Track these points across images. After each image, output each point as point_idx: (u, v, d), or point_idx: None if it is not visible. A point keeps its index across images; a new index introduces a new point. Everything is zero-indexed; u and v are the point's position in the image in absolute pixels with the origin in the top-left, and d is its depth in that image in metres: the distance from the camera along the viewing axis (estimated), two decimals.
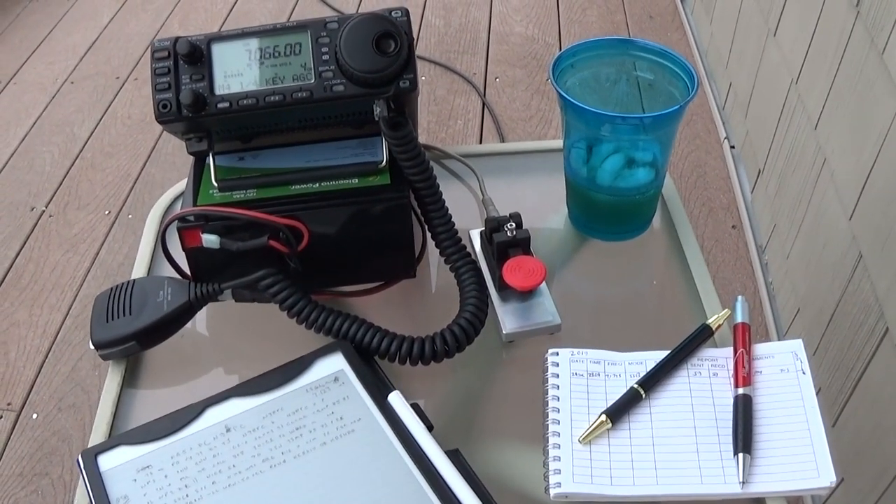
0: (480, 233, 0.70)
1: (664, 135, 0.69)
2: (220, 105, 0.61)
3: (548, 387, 0.60)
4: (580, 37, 2.26)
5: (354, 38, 0.59)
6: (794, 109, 1.40)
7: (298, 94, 0.61)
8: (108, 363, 0.66)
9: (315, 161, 0.67)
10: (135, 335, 0.64)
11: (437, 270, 0.68)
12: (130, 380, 0.66)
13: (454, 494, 0.52)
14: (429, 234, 0.68)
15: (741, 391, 0.58)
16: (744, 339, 0.62)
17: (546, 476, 0.55)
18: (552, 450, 0.56)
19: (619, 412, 0.58)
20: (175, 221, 0.63)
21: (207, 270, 0.65)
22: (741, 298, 0.65)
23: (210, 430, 0.57)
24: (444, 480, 0.53)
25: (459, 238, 0.66)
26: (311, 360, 0.61)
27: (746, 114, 1.72)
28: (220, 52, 0.62)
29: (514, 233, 0.65)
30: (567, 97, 0.66)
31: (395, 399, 0.58)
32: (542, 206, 0.78)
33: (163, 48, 0.62)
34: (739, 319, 0.63)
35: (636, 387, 0.59)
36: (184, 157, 1.89)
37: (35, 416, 1.39)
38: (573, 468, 0.55)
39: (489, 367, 0.66)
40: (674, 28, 2.26)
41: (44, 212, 1.79)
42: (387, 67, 0.59)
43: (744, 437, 0.56)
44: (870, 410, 1.08)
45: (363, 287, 0.69)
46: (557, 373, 0.61)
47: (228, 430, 0.57)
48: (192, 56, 0.61)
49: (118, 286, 0.67)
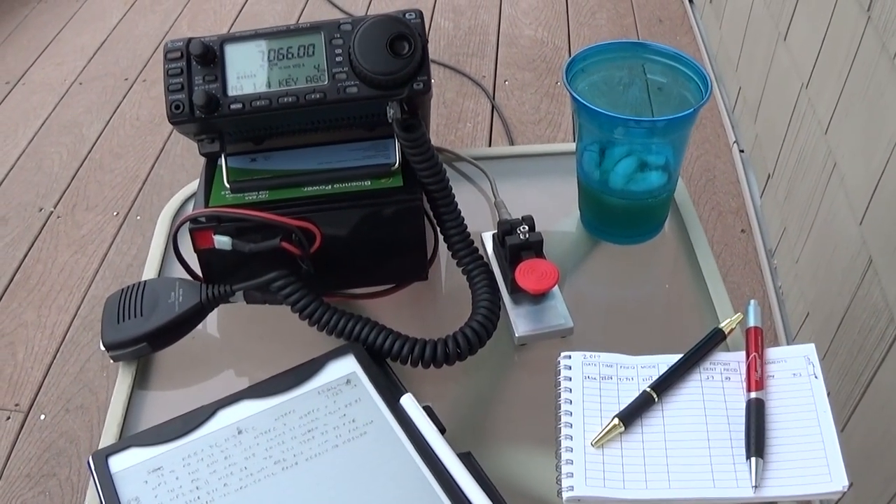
0: (493, 235, 0.69)
1: (677, 138, 0.69)
2: (233, 106, 0.61)
3: (560, 390, 0.60)
4: (589, 40, 2.25)
5: (368, 40, 0.59)
6: (804, 114, 1.40)
7: (312, 96, 0.61)
8: (118, 365, 0.66)
9: (327, 163, 0.67)
10: (146, 336, 0.64)
11: (449, 273, 0.68)
12: (141, 381, 0.66)
13: (466, 497, 0.52)
14: (440, 237, 0.67)
15: (754, 395, 0.58)
16: (756, 344, 0.62)
17: (558, 479, 0.55)
18: (564, 453, 0.56)
19: (632, 416, 0.58)
20: (187, 223, 0.63)
21: (219, 272, 0.65)
22: (753, 302, 0.64)
23: (222, 432, 0.57)
24: (457, 483, 0.53)
25: (472, 241, 0.66)
26: (323, 363, 0.61)
27: (756, 118, 1.71)
28: (233, 54, 0.62)
29: (527, 235, 0.65)
30: (580, 100, 0.66)
31: (408, 402, 0.57)
32: (554, 209, 0.78)
33: (175, 49, 0.62)
34: (752, 323, 0.63)
35: (649, 391, 0.59)
36: (193, 159, 1.91)
37: (43, 417, 1.39)
38: (586, 471, 0.55)
39: (501, 370, 0.66)
40: (683, 31, 2.26)
41: (52, 213, 1.80)
42: (401, 69, 0.59)
43: (756, 441, 0.55)
44: (879, 415, 1.08)
45: (375, 289, 0.69)
46: (570, 376, 0.61)
47: (240, 432, 0.57)
48: (205, 57, 0.61)
49: (129, 287, 0.67)
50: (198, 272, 0.67)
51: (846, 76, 1.22)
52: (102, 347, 0.65)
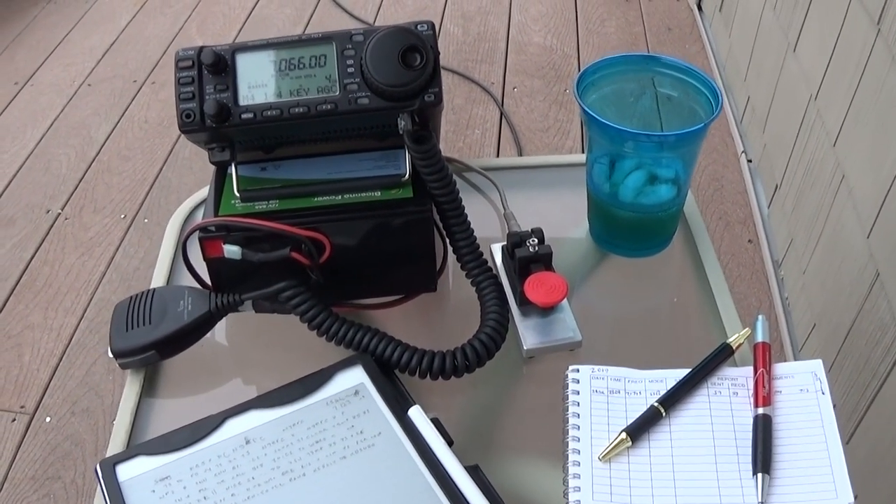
0: (502, 247, 0.69)
1: (687, 152, 0.69)
2: (244, 116, 0.61)
3: (568, 404, 0.60)
4: (598, 48, 2.25)
5: (380, 52, 0.59)
6: (813, 125, 1.39)
7: (323, 107, 0.61)
8: (125, 371, 0.66)
9: (337, 173, 0.67)
10: (154, 344, 0.64)
11: (458, 284, 0.68)
12: (149, 389, 0.66)
13: None
14: (450, 248, 0.67)
15: (761, 411, 0.58)
16: (764, 359, 0.61)
17: (566, 493, 0.55)
18: (572, 467, 0.56)
19: (640, 430, 0.58)
20: (197, 231, 0.63)
21: (228, 281, 0.65)
22: (761, 318, 0.64)
23: (229, 442, 0.57)
24: (465, 497, 0.53)
25: (481, 252, 0.66)
26: (332, 373, 0.61)
27: (764, 128, 1.71)
28: (245, 63, 0.62)
29: (537, 248, 0.65)
30: (591, 113, 0.66)
31: (416, 414, 0.57)
32: (563, 221, 0.78)
33: (187, 57, 0.62)
34: (760, 339, 0.63)
35: (657, 405, 0.59)
36: (201, 163, 1.92)
37: (48, 420, 1.39)
38: (593, 486, 0.55)
39: (509, 382, 0.66)
40: (692, 40, 2.25)
41: (59, 214, 1.80)
42: (412, 81, 0.59)
43: (763, 458, 0.55)
44: (885, 429, 1.07)
45: (383, 300, 0.69)
46: (578, 390, 0.61)
47: (248, 442, 0.57)
48: (217, 66, 0.61)
49: (138, 295, 0.67)
50: (207, 280, 0.67)
51: (855, 88, 1.21)
52: (111, 354, 0.65)
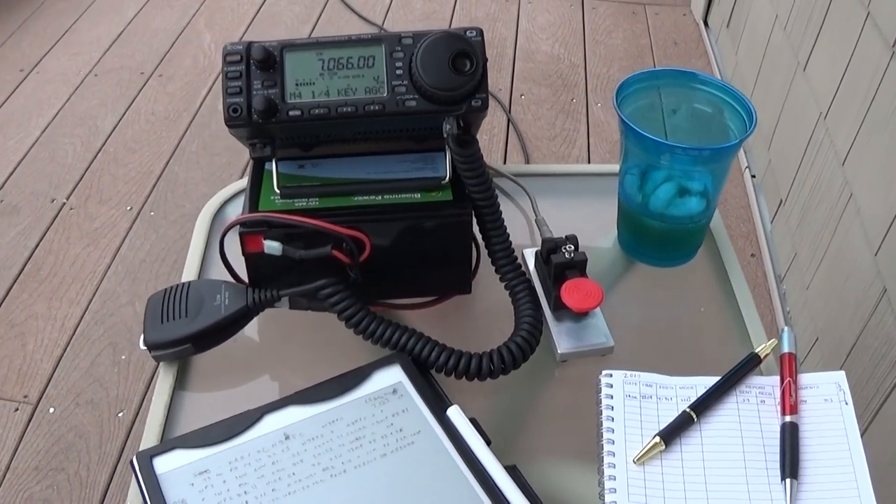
0: (536, 252, 0.70)
1: (719, 167, 0.70)
2: (292, 113, 0.62)
3: (602, 408, 0.61)
4: (605, 58, 2.27)
5: (431, 56, 0.60)
6: (822, 143, 1.41)
7: (371, 107, 0.61)
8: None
9: (375, 173, 0.68)
10: (190, 338, 0.64)
11: (490, 286, 0.69)
12: (181, 382, 0.66)
13: None
14: (483, 251, 0.68)
15: (788, 419, 0.60)
16: (791, 369, 0.63)
17: (601, 495, 0.56)
18: (607, 469, 0.57)
19: (672, 434, 0.59)
20: (236, 226, 0.64)
21: (265, 276, 0.66)
22: (787, 329, 0.66)
23: (269, 437, 0.58)
24: (504, 496, 0.53)
25: (516, 257, 0.67)
26: (370, 371, 0.61)
27: (770, 144, 1.73)
28: (293, 60, 0.63)
29: (572, 255, 0.66)
30: (629, 123, 0.67)
31: (455, 413, 0.58)
32: (590, 228, 0.79)
33: (235, 52, 0.63)
34: (786, 349, 0.65)
35: (688, 411, 0.60)
36: (208, 158, 1.92)
37: (52, 411, 1.38)
38: (628, 488, 0.56)
39: (542, 385, 0.66)
40: (698, 55, 2.27)
41: (64, 204, 1.80)
42: (462, 86, 0.60)
43: (791, 463, 0.57)
44: (887, 444, 1.09)
45: (417, 300, 0.70)
46: (611, 394, 0.62)
47: (287, 438, 0.57)
48: (266, 62, 0.62)
49: (172, 288, 0.67)
50: (240, 275, 0.67)
51: (867, 109, 1.23)
52: (143, 346, 0.66)
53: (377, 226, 0.64)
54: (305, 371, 0.65)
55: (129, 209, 1.78)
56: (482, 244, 0.68)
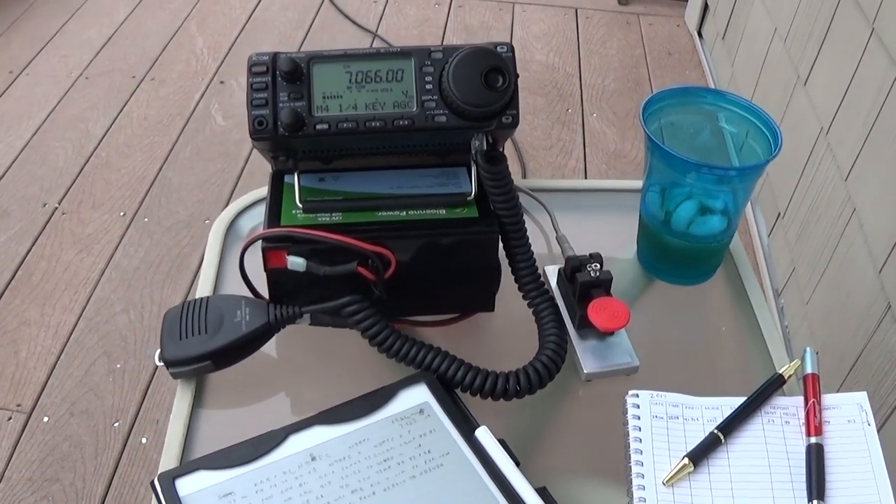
0: (559, 270, 0.69)
1: (743, 188, 0.70)
2: (319, 127, 0.61)
3: (629, 429, 0.61)
4: (599, 68, 2.27)
5: (463, 71, 0.59)
6: (822, 158, 1.42)
7: (400, 122, 0.60)
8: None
9: (398, 188, 0.67)
10: (211, 355, 0.63)
11: (512, 304, 0.68)
12: (199, 399, 0.64)
13: None
14: (506, 267, 0.67)
15: (814, 440, 0.60)
16: (815, 390, 0.63)
17: None
18: (637, 491, 0.57)
19: (701, 456, 0.59)
20: (259, 240, 0.62)
21: (287, 292, 0.65)
22: (809, 350, 0.66)
23: (294, 458, 0.56)
24: None
25: (540, 275, 0.66)
26: (396, 391, 0.60)
27: None
28: (321, 73, 0.61)
29: (598, 273, 0.65)
30: (656, 141, 0.66)
31: (483, 434, 0.57)
32: (608, 244, 0.78)
33: (261, 62, 0.61)
34: (809, 370, 0.65)
35: (716, 432, 0.60)
36: (202, 164, 1.91)
37: (46, 420, 1.36)
38: None
39: (566, 404, 0.66)
40: (692, 66, 2.28)
41: (56, 208, 1.77)
42: (494, 102, 0.59)
43: (818, 486, 0.57)
44: (890, 462, 1.09)
45: (439, 317, 0.69)
46: (638, 415, 0.62)
47: (314, 459, 0.56)
48: (293, 74, 0.61)
49: (190, 303, 0.66)
50: (259, 290, 0.66)
51: (871, 125, 1.24)
52: (158, 362, 0.64)
53: (402, 242, 0.63)
54: (327, 389, 0.64)
55: (123, 215, 1.76)
56: (504, 259, 0.67)
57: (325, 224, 0.63)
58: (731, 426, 0.61)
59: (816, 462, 0.59)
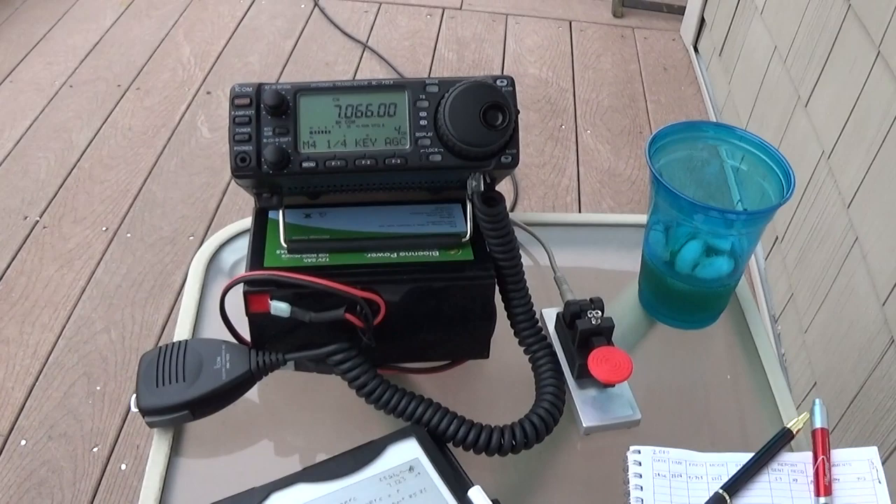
0: (557, 314, 0.66)
1: (753, 231, 0.66)
2: (305, 164, 0.57)
3: (630, 487, 0.58)
4: (594, 83, 2.24)
5: (461, 107, 0.56)
6: (823, 183, 1.39)
7: (392, 161, 0.57)
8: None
9: (388, 226, 0.63)
10: (188, 404, 0.59)
11: (505, 350, 0.65)
12: (176, 448, 0.61)
13: None
14: (501, 311, 0.64)
15: (823, 500, 0.58)
16: (824, 446, 0.61)
17: None
18: None
19: None
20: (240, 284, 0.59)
21: (270, 337, 0.61)
22: (818, 402, 0.63)
23: None
24: None
25: (537, 320, 0.63)
26: (384, 446, 0.57)
27: None
28: (308, 106, 0.58)
29: (599, 321, 0.62)
30: (662, 181, 0.63)
31: (476, 495, 0.54)
32: (608, 282, 0.75)
33: (244, 94, 0.58)
34: (818, 425, 0.62)
35: (721, 492, 0.58)
36: (186, 177, 1.86)
37: (24, 443, 1.31)
38: None
39: (564, 458, 0.62)
40: (688, 82, 2.26)
41: (38, 222, 1.72)
42: (493, 142, 0.56)
43: None
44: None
45: (429, 365, 0.65)
46: (640, 472, 0.59)
47: None
48: (279, 108, 0.57)
49: (168, 347, 0.62)
50: (241, 333, 0.63)
51: (876, 151, 1.21)
52: (134, 409, 0.60)
53: (392, 287, 0.59)
54: (312, 439, 0.61)
55: (105, 230, 1.71)
56: (499, 302, 0.63)
57: (312, 266, 0.60)
58: (737, 485, 0.58)
59: None
